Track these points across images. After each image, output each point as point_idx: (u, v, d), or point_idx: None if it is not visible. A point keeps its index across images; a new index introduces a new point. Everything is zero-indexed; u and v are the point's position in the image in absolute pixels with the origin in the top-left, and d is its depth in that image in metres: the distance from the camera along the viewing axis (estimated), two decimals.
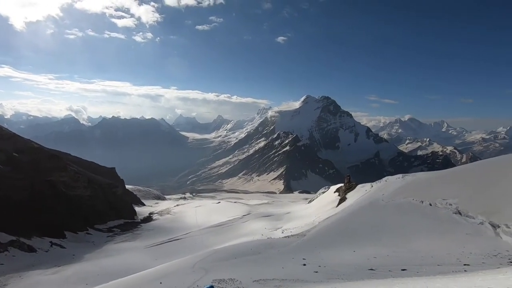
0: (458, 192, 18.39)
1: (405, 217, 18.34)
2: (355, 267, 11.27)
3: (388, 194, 24.75)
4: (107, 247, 34.37)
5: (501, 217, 13.90)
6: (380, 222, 18.94)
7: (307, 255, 14.34)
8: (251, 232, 32.46)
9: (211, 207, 55.73)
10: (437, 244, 13.84)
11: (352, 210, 25.35)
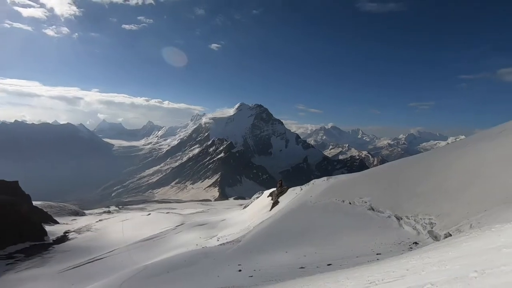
0: (371, 190, 21.14)
1: (330, 216, 20.19)
2: (288, 267, 11.88)
3: (315, 196, 26.90)
4: (6, 278, 28.57)
5: (403, 210, 16.49)
6: (309, 222, 20.42)
7: (242, 260, 14.50)
8: (185, 243, 31.20)
9: (141, 220, 51.65)
10: (356, 238, 15.59)
11: (284, 213, 26.69)
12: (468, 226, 13.44)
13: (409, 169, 22.34)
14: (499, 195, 14.35)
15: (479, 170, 17.12)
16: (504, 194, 14.08)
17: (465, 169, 18.05)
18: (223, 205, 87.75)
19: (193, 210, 67.45)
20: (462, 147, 20.29)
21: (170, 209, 75.10)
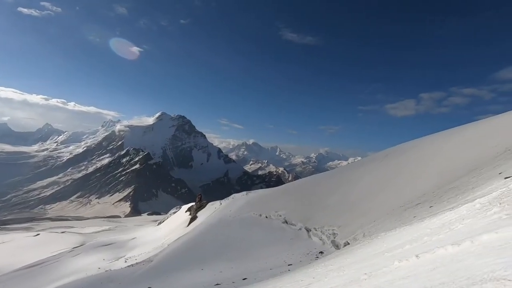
0: (285, 204, 22.63)
1: (248, 230, 20.62)
2: (203, 284, 11.50)
3: (234, 210, 27.18)
4: None
5: (312, 222, 18.13)
6: (227, 237, 20.39)
7: (153, 282, 13.37)
8: (85, 268, 26.92)
9: (24, 243, 42.48)
10: (270, 250, 16.29)
11: (202, 229, 26.01)
12: (362, 235, 15.69)
13: (317, 185, 24.90)
14: (384, 207, 17.32)
15: (371, 186, 20.34)
16: (388, 207, 17.06)
17: (361, 185, 21.18)
18: (134, 221, 79.87)
19: (97, 228, 59.22)
20: (359, 167, 23.85)
21: (67, 228, 64.14)
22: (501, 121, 22.30)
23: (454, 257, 2.66)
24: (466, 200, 9.29)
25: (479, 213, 4.93)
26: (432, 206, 12.77)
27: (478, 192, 10.14)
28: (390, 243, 7.67)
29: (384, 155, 24.26)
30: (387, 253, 5.43)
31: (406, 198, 16.81)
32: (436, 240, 4.41)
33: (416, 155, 21.96)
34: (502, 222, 3.35)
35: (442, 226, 5.81)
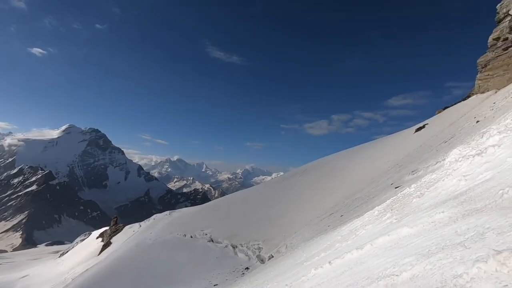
0: (211, 222, 22.14)
1: (171, 253, 19.29)
2: None
3: (156, 232, 25.17)
4: None
5: (238, 239, 18.15)
6: (147, 262, 18.63)
7: None
8: None
9: None
10: (195, 272, 15.55)
11: (117, 256, 23.18)
12: (285, 247, 16.46)
13: (243, 201, 25.28)
14: (304, 219, 18.66)
15: (292, 200, 21.71)
16: (307, 218, 18.45)
17: (283, 199, 22.40)
18: (27, 255, 65.78)
19: None
20: (281, 182, 25.31)
21: None
22: (391, 140, 26.97)
23: (358, 260, 3.05)
24: (368, 208, 10.79)
25: (377, 219, 5.79)
26: (342, 215, 14.36)
27: (377, 201, 11.92)
28: (309, 252, 8.26)
29: (302, 171, 26.38)
30: (306, 262, 5.83)
31: (322, 209, 18.52)
32: (345, 246, 4.97)
33: (329, 170, 24.60)
34: (393, 226, 4.01)
35: (350, 233, 6.59)
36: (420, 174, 11.90)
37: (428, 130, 22.18)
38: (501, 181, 2.98)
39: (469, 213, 2.59)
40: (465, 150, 6.46)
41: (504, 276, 1.25)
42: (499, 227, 1.84)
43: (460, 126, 17.40)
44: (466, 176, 4.26)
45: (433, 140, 18.98)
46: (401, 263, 2.14)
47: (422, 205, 4.42)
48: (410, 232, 3.01)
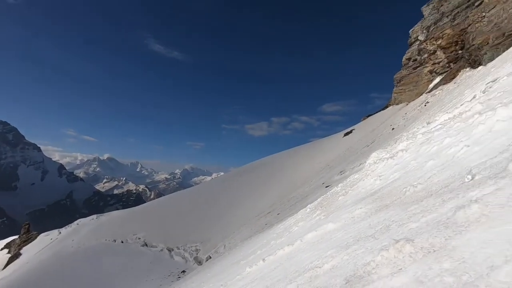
0: (145, 226, 20.85)
1: (97, 261, 17.52)
2: None
3: (79, 238, 22.55)
4: None
5: (174, 241, 17.48)
6: (67, 273, 16.57)
7: None
8: None
9: None
10: (125, 279, 14.43)
11: (28, 269, 20.06)
12: (223, 247, 16.48)
13: (181, 202, 24.45)
14: (243, 219, 18.96)
15: (231, 200, 21.85)
16: (246, 218, 18.79)
17: (223, 199, 22.38)
18: None
19: None
20: (221, 182, 25.25)
21: None
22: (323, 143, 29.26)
23: (289, 256, 3.26)
24: (302, 206, 11.54)
25: (308, 216, 6.23)
26: (279, 214, 15.05)
27: (310, 199, 12.83)
28: (246, 250, 8.44)
29: (242, 171, 26.78)
30: (243, 260, 5.95)
31: (260, 208, 19.09)
32: (279, 243, 5.23)
33: (267, 170, 25.50)
34: (321, 222, 4.39)
35: (284, 230, 6.96)
36: (347, 174, 13.22)
37: (354, 135, 24.76)
38: (405, 181, 3.53)
39: (380, 209, 3.00)
40: (382, 153, 7.42)
41: (399, 261, 1.50)
42: (400, 220, 2.18)
43: (380, 133, 19.88)
44: (380, 176, 4.91)
45: (358, 144, 21.27)
46: (324, 256, 2.37)
47: (345, 202, 4.93)
48: (334, 227, 3.34)
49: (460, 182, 2.16)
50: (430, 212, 1.94)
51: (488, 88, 7.73)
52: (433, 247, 1.45)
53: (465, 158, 2.71)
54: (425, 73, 20.88)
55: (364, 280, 1.56)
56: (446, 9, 18.10)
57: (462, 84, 14.83)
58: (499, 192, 1.55)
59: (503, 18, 13.43)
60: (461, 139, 3.42)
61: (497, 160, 2.10)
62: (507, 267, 1.02)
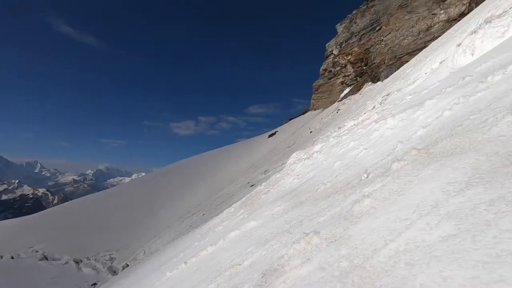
0: (45, 236, 17.85)
1: None
2: None
3: None
4: None
5: (84, 252, 15.45)
6: None
7: None
8: None
9: None
10: None
11: None
12: (143, 253, 15.34)
13: (92, 207, 21.79)
14: (166, 221, 18.04)
15: (153, 202, 20.57)
16: (169, 220, 17.92)
17: (144, 202, 20.88)
18: None
19: None
20: (142, 184, 23.50)
21: None
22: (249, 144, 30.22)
23: (211, 256, 3.27)
24: (227, 205, 11.67)
25: (233, 215, 6.35)
26: (204, 214, 14.87)
27: (235, 198, 13.07)
28: (168, 254, 8.08)
29: (167, 171, 25.51)
30: (163, 265, 5.68)
31: (184, 209, 18.48)
32: (203, 244, 5.18)
33: (194, 170, 24.90)
34: (244, 220, 4.53)
35: (209, 230, 6.92)
36: (270, 173, 13.96)
37: (278, 136, 26.32)
38: (318, 179, 3.95)
39: (296, 205, 3.28)
40: (300, 154, 8.10)
41: (308, 252, 1.68)
42: (311, 215, 2.44)
43: (300, 135, 21.64)
44: (298, 175, 5.36)
45: (281, 145, 22.69)
46: (245, 253, 2.46)
47: (267, 200, 5.21)
48: (256, 224, 3.50)
49: (359, 180, 2.53)
50: (335, 207, 2.22)
51: (383, 101, 9.23)
52: (334, 237, 1.67)
53: (364, 159, 3.19)
54: (338, 84, 23.66)
55: (278, 272, 1.69)
56: (355, 29, 20.89)
57: (365, 95, 17.37)
58: (384, 187, 1.88)
59: (395, 43, 16.24)
60: (361, 143, 4.00)
61: (385, 161, 2.55)
62: (385, 249, 1.26)
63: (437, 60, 7.84)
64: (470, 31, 7.14)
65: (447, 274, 0.94)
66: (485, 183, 1.27)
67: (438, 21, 14.79)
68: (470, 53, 5.55)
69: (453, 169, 1.54)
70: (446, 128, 2.27)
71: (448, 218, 1.20)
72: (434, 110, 3.06)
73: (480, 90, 2.60)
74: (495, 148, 1.48)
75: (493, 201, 1.13)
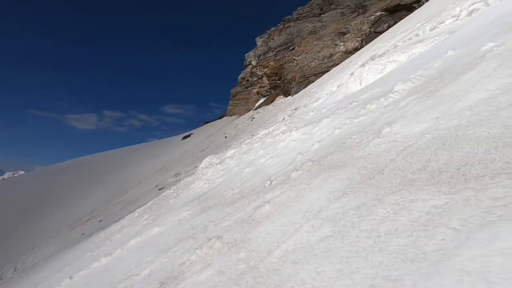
0: None
1: None
2: None
3: None
4: None
5: None
6: None
7: None
8: None
9: None
10: None
11: None
12: (13, 270, 12.49)
13: None
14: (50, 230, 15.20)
15: (36, 206, 17.11)
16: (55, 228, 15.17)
17: (22, 207, 17.15)
18: None
19: None
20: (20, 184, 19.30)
21: None
22: (162, 144, 28.58)
23: (105, 267, 2.94)
24: (130, 210, 10.68)
25: (136, 221, 5.87)
26: (101, 220, 13.20)
27: (140, 203, 12.09)
28: (49, 269, 6.83)
29: (55, 170, 21.71)
30: (41, 283, 4.78)
31: (76, 216, 15.99)
32: (96, 254, 4.60)
33: (91, 170, 21.88)
34: (147, 226, 4.25)
35: (105, 239, 6.19)
36: (181, 177, 13.51)
37: (192, 139, 25.77)
38: (227, 184, 4.05)
39: (204, 210, 3.29)
40: (213, 159, 8.15)
41: (209, 257, 1.72)
42: (217, 220, 2.49)
43: (215, 139, 21.73)
44: (209, 180, 5.38)
45: (195, 148, 22.26)
46: (144, 261, 2.32)
47: (175, 205, 5.03)
48: (160, 230, 3.33)
49: (263, 187, 2.73)
50: (239, 212, 2.33)
51: (292, 114, 10.19)
52: (235, 241, 1.75)
53: (269, 167, 3.46)
54: (254, 93, 24.89)
55: (178, 280, 1.66)
56: (272, 45, 22.49)
57: (278, 107, 18.84)
58: (283, 194, 2.09)
59: (305, 64, 18.21)
60: (269, 151, 4.32)
61: (286, 170, 2.83)
62: (277, 251, 1.40)
63: (336, 84, 9.19)
64: (360, 64, 8.63)
65: (321, 269, 1.12)
66: (355, 192, 1.57)
67: (339, 51, 17.38)
68: (359, 82, 6.71)
69: (335, 180, 1.84)
70: (335, 144, 2.68)
71: (328, 221, 1.43)
72: (328, 127, 3.57)
73: (361, 115, 3.19)
74: (364, 164, 1.85)
75: (358, 207, 1.40)
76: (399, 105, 2.66)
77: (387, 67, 6.27)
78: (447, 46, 3.94)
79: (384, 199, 1.34)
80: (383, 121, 2.49)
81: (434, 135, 1.68)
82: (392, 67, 5.98)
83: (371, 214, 1.29)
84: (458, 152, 1.37)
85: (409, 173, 1.44)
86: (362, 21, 17.28)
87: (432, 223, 1.03)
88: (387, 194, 1.37)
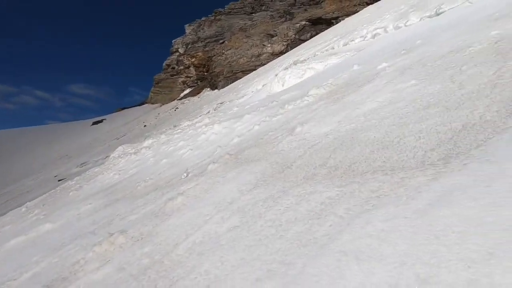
0: None
1: None
2: None
3: None
4: None
5: None
6: None
7: None
8: None
9: None
10: None
11: None
12: None
13: None
14: None
15: None
16: None
17: None
18: None
19: None
20: None
21: None
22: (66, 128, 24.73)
23: None
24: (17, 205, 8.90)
25: (22, 217, 4.92)
26: None
27: (31, 196, 10.19)
28: None
29: None
30: None
31: None
32: None
33: None
34: (37, 223, 3.61)
35: None
36: (89, 167, 11.94)
37: (105, 125, 23.06)
38: (141, 176, 3.77)
39: (111, 203, 2.98)
40: (128, 148, 7.46)
41: (110, 253, 1.56)
42: (125, 213, 2.29)
43: (132, 127, 19.93)
44: (120, 171, 4.90)
45: (107, 135, 19.97)
46: (27, 263, 1.96)
47: (77, 198, 4.42)
48: (53, 227, 2.87)
49: (179, 179, 2.63)
50: (150, 204, 2.19)
51: (217, 108, 10.13)
52: (141, 235, 1.64)
53: (188, 159, 3.36)
54: (179, 82, 23.81)
55: (67, 281, 1.46)
56: (202, 35, 21.87)
57: (203, 99, 18.46)
58: (197, 186, 2.06)
59: (233, 59, 18.32)
60: (189, 143, 4.20)
61: (204, 162, 2.79)
62: (184, 243, 1.37)
63: (261, 83, 9.52)
64: (284, 67, 9.16)
65: (225, 258, 1.14)
66: (266, 184, 1.66)
67: (266, 51, 18.09)
68: (282, 84, 7.12)
69: (250, 173, 1.91)
70: (253, 139, 2.78)
71: (238, 212, 1.47)
72: (249, 123, 3.67)
73: (279, 114, 3.39)
74: (277, 159, 1.97)
75: (267, 198, 1.49)
76: (312, 108, 2.92)
77: (306, 72, 6.83)
78: (354, 61, 4.53)
79: (289, 191, 1.45)
80: (297, 120, 2.69)
81: (335, 136, 1.90)
82: (311, 73, 6.55)
83: (277, 205, 1.38)
84: (351, 152, 1.58)
85: (312, 168, 1.60)
86: (288, 26, 18.39)
87: (324, 212, 1.17)
88: (292, 186, 1.49)
